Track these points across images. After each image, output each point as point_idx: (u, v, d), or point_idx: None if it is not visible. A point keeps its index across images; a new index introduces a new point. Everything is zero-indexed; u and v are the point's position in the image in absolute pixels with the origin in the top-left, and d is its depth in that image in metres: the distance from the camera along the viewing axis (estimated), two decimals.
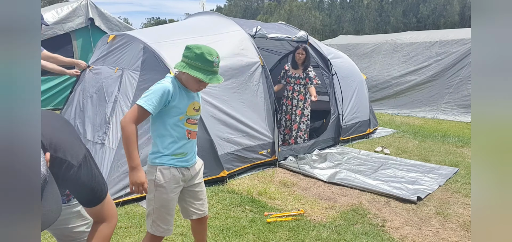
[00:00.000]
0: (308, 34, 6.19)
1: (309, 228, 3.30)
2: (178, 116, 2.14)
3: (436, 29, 24.69)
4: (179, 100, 2.13)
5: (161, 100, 2.06)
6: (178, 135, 2.15)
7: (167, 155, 2.15)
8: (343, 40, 11.96)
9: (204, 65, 2.07)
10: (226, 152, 4.35)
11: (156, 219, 2.18)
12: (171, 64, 4.18)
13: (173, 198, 2.20)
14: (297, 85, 5.58)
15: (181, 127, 2.15)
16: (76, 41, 7.84)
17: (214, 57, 2.09)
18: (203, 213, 2.38)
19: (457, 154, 5.83)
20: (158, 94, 2.05)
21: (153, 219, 2.18)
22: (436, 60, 9.18)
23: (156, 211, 2.17)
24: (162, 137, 2.14)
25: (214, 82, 2.11)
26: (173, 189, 2.17)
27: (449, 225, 3.44)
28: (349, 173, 4.66)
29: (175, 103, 2.11)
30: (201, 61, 2.06)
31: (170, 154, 2.15)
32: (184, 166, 2.20)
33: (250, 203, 3.77)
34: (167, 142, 2.14)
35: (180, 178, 2.19)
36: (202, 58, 2.06)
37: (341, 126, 6.07)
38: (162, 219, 2.18)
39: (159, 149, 2.15)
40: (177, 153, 2.16)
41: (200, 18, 5.92)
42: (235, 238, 3.09)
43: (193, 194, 2.32)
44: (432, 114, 9.03)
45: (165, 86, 2.09)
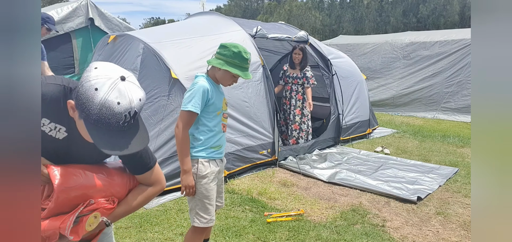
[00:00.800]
0: (308, 34, 6.19)
1: (309, 228, 3.30)
2: (216, 112, 2.30)
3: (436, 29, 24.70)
4: (216, 97, 2.29)
5: (204, 100, 2.23)
6: (217, 129, 2.32)
7: (207, 148, 2.31)
8: (343, 40, 11.96)
9: (241, 62, 2.23)
10: (226, 151, 4.34)
11: (199, 211, 2.31)
12: (171, 64, 4.18)
13: (213, 188, 2.35)
14: (295, 85, 5.59)
15: (219, 121, 2.33)
16: (76, 41, 7.84)
17: (249, 55, 2.27)
18: (221, 205, 2.56)
19: (457, 154, 5.83)
20: (200, 95, 2.21)
21: (196, 211, 2.31)
22: (436, 61, 9.17)
23: (199, 202, 2.30)
24: (202, 132, 2.30)
25: (249, 77, 2.29)
26: (213, 179, 2.33)
27: (449, 225, 3.44)
28: (349, 173, 4.66)
29: (213, 100, 2.27)
30: (239, 59, 2.23)
31: (210, 147, 2.31)
32: (220, 157, 2.39)
33: (250, 203, 3.77)
34: (206, 136, 2.30)
35: (217, 170, 2.36)
36: (240, 57, 2.23)
37: (341, 126, 6.07)
38: (205, 209, 2.31)
39: (199, 143, 2.30)
40: (215, 145, 2.33)
41: (200, 18, 5.92)
42: (235, 238, 3.09)
43: (217, 186, 2.45)
44: (432, 114, 9.03)
45: (204, 86, 2.23)
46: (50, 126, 1.30)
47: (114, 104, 1.13)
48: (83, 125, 1.19)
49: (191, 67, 4.33)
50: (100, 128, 1.16)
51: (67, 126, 1.32)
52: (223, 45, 2.27)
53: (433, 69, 9.21)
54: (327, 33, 40.50)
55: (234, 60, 2.23)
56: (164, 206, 3.65)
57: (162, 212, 3.54)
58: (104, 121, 1.14)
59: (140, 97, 1.19)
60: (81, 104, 1.16)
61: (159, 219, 3.39)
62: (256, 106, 4.76)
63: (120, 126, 1.17)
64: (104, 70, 1.18)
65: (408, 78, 9.57)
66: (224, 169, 2.53)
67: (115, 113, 1.14)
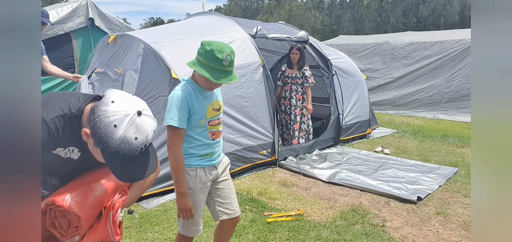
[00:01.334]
0: (308, 34, 6.20)
1: (309, 228, 3.30)
2: (199, 121, 2.07)
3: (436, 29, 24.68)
4: (198, 105, 2.05)
5: (184, 109, 2.00)
6: (203, 139, 2.11)
7: (194, 156, 2.12)
8: (343, 40, 11.95)
9: (213, 63, 1.94)
10: (226, 152, 4.35)
11: (186, 221, 2.15)
12: (171, 64, 4.18)
13: (201, 198, 2.18)
14: (295, 85, 5.59)
15: (204, 129, 2.11)
16: (76, 41, 7.84)
17: (224, 55, 1.94)
18: (233, 213, 2.27)
19: (457, 154, 5.83)
20: (177, 106, 1.99)
21: (183, 220, 2.16)
22: (436, 60, 9.18)
23: None
24: (187, 142, 2.11)
25: (222, 82, 1.97)
26: (199, 189, 2.15)
27: (449, 225, 3.44)
28: (349, 173, 4.66)
29: (195, 109, 2.05)
30: (210, 59, 1.94)
31: (197, 155, 2.12)
32: (210, 165, 2.18)
33: (250, 203, 3.77)
34: (190, 145, 2.11)
35: (207, 178, 2.17)
36: (211, 56, 1.94)
37: (341, 126, 6.07)
38: (192, 220, 2.16)
39: (186, 151, 2.11)
40: (204, 153, 2.14)
41: (200, 18, 5.92)
42: (235, 238, 3.09)
43: (219, 192, 2.27)
44: (432, 114, 9.03)
45: (180, 95, 2.00)
46: (65, 151, 1.39)
47: (132, 140, 1.22)
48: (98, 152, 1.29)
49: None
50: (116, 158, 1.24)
51: (78, 147, 1.42)
52: (201, 42, 2.00)
53: (433, 69, 9.20)
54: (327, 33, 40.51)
55: (206, 60, 1.95)
56: (164, 206, 3.65)
57: (162, 212, 3.54)
58: (121, 153, 1.23)
59: (154, 130, 1.29)
60: (99, 137, 1.23)
61: (159, 219, 3.39)
62: (256, 106, 4.76)
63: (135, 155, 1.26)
64: (121, 106, 1.25)
65: (408, 78, 9.57)
66: (225, 174, 2.30)
67: (133, 147, 1.23)
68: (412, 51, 9.67)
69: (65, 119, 1.35)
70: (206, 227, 3.23)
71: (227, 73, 1.99)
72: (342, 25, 41.65)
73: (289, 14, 41.52)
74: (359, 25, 40.45)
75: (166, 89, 4.11)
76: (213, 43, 1.96)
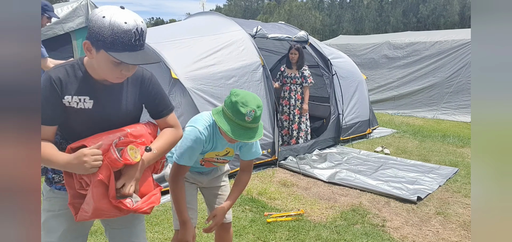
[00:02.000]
0: (308, 34, 6.20)
1: (309, 228, 3.30)
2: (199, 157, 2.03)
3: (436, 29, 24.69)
4: (209, 147, 1.97)
5: (196, 153, 1.93)
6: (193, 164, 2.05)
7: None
8: (343, 40, 11.95)
9: (235, 117, 1.75)
10: None
11: (175, 214, 2.11)
12: (171, 64, 4.18)
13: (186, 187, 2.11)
14: (294, 85, 5.59)
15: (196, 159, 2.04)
16: (76, 41, 7.83)
17: (248, 110, 1.73)
18: (225, 220, 2.21)
19: (457, 154, 5.83)
20: (191, 151, 1.90)
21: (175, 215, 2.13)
22: (436, 61, 9.17)
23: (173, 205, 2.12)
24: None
25: (242, 140, 1.77)
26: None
27: (449, 225, 3.44)
28: (349, 173, 4.66)
29: (205, 150, 1.97)
30: (233, 112, 1.75)
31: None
32: (198, 171, 2.17)
33: (250, 203, 3.77)
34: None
35: (194, 179, 2.16)
36: (234, 109, 1.75)
37: (341, 126, 6.08)
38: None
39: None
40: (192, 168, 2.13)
41: (200, 18, 5.92)
42: (235, 238, 3.09)
43: (212, 197, 2.27)
44: (432, 114, 9.02)
45: (197, 139, 1.88)
46: (75, 99, 1.47)
47: (122, 24, 1.34)
48: (103, 56, 1.37)
49: (191, 67, 4.33)
50: (118, 47, 1.35)
51: (89, 95, 1.50)
52: (231, 91, 1.83)
53: (433, 70, 9.20)
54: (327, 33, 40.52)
55: (230, 113, 1.76)
56: (164, 206, 3.65)
57: (162, 212, 3.54)
58: (119, 40, 1.34)
59: (142, 20, 1.39)
60: (95, 34, 1.35)
61: (159, 219, 3.39)
62: None
63: (134, 44, 1.37)
64: (106, 6, 1.40)
65: (408, 78, 9.57)
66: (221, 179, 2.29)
67: (125, 31, 1.34)
68: (412, 51, 9.67)
69: (66, 69, 1.47)
70: None
71: (249, 130, 1.79)
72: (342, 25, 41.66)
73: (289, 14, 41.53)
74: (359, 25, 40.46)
75: (166, 90, 4.11)
76: (239, 94, 1.78)
